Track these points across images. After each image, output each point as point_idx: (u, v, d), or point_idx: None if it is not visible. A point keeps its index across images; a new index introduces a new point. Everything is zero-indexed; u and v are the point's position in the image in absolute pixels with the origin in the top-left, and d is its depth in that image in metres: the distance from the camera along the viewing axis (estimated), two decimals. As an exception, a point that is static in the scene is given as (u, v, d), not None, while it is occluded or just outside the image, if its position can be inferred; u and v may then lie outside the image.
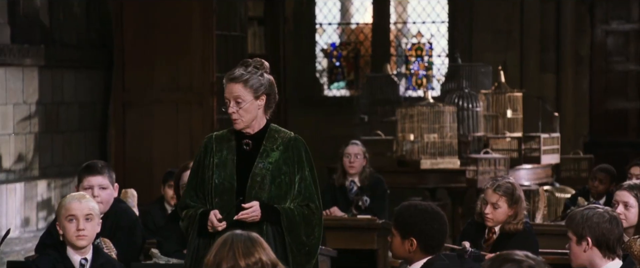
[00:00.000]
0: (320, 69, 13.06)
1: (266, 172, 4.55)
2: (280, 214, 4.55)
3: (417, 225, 4.17)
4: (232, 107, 4.55)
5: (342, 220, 7.45)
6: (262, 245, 3.42)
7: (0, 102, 9.54)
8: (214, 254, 3.38)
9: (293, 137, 4.64)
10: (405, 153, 9.70)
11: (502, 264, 3.21)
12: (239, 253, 3.35)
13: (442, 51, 12.77)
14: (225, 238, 3.41)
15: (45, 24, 10.28)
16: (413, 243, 4.17)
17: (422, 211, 4.23)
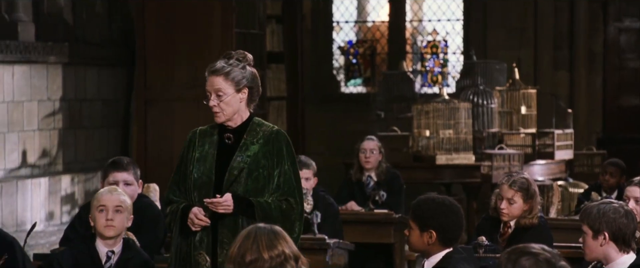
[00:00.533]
0: (337, 66, 13.07)
1: (244, 166, 4.40)
2: (255, 207, 4.38)
3: (435, 217, 4.17)
4: (212, 100, 4.39)
5: (359, 214, 7.45)
6: (284, 238, 3.43)
7: (25, 98, 9.60)
8: (237, 246, 3.39)
9: (275, 130, 4.47)
10: (421, 149, 9.70)
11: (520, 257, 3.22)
12: (263, 246, 3.37)
13: (457, 49, 12.76)
14: (248, 231, 3.42)
15: (68, 23, 10.34)
16: (432, 235, 4.16)
17: (441, 204, 4.23)
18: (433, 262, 4.20)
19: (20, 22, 9.64)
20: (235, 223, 4.37)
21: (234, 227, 4.35)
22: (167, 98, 10.22)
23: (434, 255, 4.19)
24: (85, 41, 10.48)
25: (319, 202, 6.75)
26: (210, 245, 4.38)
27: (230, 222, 4.36)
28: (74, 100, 10.31)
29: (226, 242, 4.34)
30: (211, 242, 4.38)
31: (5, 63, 9.24)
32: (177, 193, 4.49)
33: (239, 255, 3.37)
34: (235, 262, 3.37)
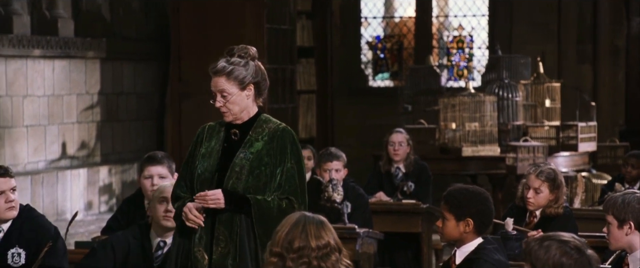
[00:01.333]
0: (366, 60, 13.09)
1: (246, 162, 4.20)
2: (251, 205, 4.16)
3: (472, 206, 4.17)
4: (218, 101, 4.24)
5: (387, 204, 7.47)
6: (330, 229, 3.46)
7: (65, 92, 9.68)
8: (285, 232, 3.40)
9: (281, 127, 4.27)
10: (447, 141, 9.70)
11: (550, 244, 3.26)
12: (311, 235, 3.38)
13: (483, 43, 12.74)
14: (297, 219, 3.43)
15: (106, 19, 10.41)
16: (469, 224, 4.17)
17: (475, 193, 4.25)
18: (466, 251, 4.21)
19: (60, 19, 9.72)
20: (232, 221, 4.18)
21: (231, 225, 4.19)
22: (200, 91, 10.24)
23: (467, 244, 4.20)
24: (122, 37, 10.55)
25: (349, 193, 6.78)
26: (209, 242, 4.21)
27: (228, 219, 4.19)
28: (111, 93, 10.39)
29: (222, 239, 4.18)
30: (209, 239, 4.21)
31: (46, 58, 9.32)
32: (184, 188, 4.32)
33: (286, 240, 3.38)
34: (282, 246, 3.38)
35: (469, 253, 4.19)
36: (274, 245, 3.41)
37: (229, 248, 4.16)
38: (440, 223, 4.24)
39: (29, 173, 9.01)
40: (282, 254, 3.38)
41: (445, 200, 4.22)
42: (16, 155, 9.02)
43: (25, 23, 9.15)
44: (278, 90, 10.41)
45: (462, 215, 4.16)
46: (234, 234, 4.17)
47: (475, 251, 4.18)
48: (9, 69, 8.88)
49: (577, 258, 3.27)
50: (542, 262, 3.30)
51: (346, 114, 12.28)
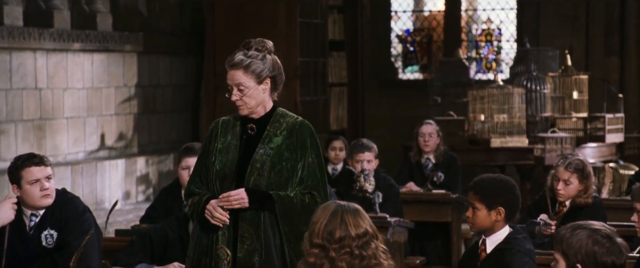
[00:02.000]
0: (395, 53, 13.08)
1: (266, 158, 4.04)
2: (275, 201, 4.01)
3: (503, 194, 4.16)
4: (235, 95, 4.05)
5: (418, 194, 7.47)
6: (366, 217, 3.47)
7: (103, 85, 9.75)
8: (324, 223, 3.39)
9: (299, 121, 4.11)
10: (476, 132, 9.69)
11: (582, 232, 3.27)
12: (350, 224, 3.37)
13: (511, 36, 12.70)
14: (334, 210, 3.42)
15: (143, 14, 10.47)
16: (501, 212, 4.14)
17: (504, 181, 4.24)
18: (496, 240, 4.18)
19: (99, 13, 9.79)
20: (257, 218, 4.04)
21: (256, 222, 4.05)
22: (234, 84, 10.31)
23: (497, 233, 4.18)
24: (158, 31, 10.61)
25: (380, 183, 6.79)
26: (231, 239, 4.05)
27: (252, 216, 4.03)
28: (147, 86, 10.45)
29: (247, 236, 4.04)
30: (232, 236, 4.05)
31: (85, 51, 9.39)
32: (198, 184, 4.15)
33: (326, 231, 3.37)
34: (323, 238, 3.37)
35: (500, 242, 4.18)
36: (314, 237, 3.39)
37: (255, 246, 4.03)
38: (470, 213, 4.20)
39: (69, 163, 9.09)
40: (323, 245, 3.37)
41: (475, 191, 4.18)
42: (57, 146, 9.10)
43: (66, 18, 9.22)
44: (310, 83, 10.43)
45: (494, 204, 4.15)
46: (259, 231, 4.04)
47: (506, 241, 4.17)
48: (49, 63, 8.96)
49: (609, 246, 3.28)
50: (574, 250, 3.30)
51: (376, 106, 12.28)
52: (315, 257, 3.38)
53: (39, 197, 4.73)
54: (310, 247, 3.40)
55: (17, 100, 8.56)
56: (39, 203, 4.75)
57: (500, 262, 4.13)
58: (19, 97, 8.58)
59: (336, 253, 3.36)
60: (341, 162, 7.39)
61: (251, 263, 4.03)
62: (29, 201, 4.73)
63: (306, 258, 3.43)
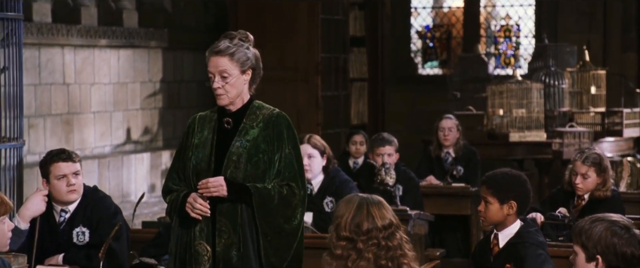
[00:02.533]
0: (415, 49, 13.08)
1: (243, 151, 3.92)
2: (252, 194, 3.88)
3: (515, 188, 4.19)
4: (217, 82, 3.95)
5: (438, 187, 7.50)
6: (389, 208, 3.49)
7: (129, 80, 9.79)
8: (351, 216, 3.40)
9: (275, 113, 4.00)
10: (495, 127, 9.69)
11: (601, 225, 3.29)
12: (376, 216, 3.39)
13: (529, 32, 12.67)
14: (359, 203, 3.43)
15: (168, 10, 10.51)
16: (513, 206, 4.17)
17: (515, 176, 4.26)
18: (508, 234, 4.20)
19: (125, 10, 9.83)
20: (234, 211, 3.92)
21: (233, 215, 3.93)
22: (257, 79, 10.33)
23: (509, 227, 4.20)
24: (182, 27, 10.64)
25: (401, 176, 6.81)
26: (210, 235, 3.94)
27: (230, 209, 3.92)
28: (172, 81, 10.48)
29: (224, 230, 3.93)
30: (211, 231, 3.94)
31: (111, 47, 9.44)
32: (176, 181, 4.02)
33: (353, 224, 3.38)
34: (350, 231, 3.38)
35: (512, 236, 4.19)
36: (341, 230, 3.40)
37: (233, 239, 3.91)
38: (483, 208, 4.21)
39: (96, 157, 9.14)
40: (352, 238, 3.38)
41: (487, 185, 4.20)
42: (84, 140, 9.16)
43: (93, 14, 9.28)
44: (331, 79, 10.44)
45: (506, 198, 4.17)
46: (236, 225, 3.92)
47: (519, 234, 4.18)
48: (77, 58, 9.01)
49: (628, 238, 3.30)
50: (593, 242, 3.33)
51: (396, 101, 12.29)
52: (342, 249, 3.40)
53: (65, 192, 4.77)
54: (337, 240, 3.41)
55: (46, 95, 8.63)
56: (65, 198, 4.79)
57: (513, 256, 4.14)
58: (47, 92, 8.64)
59: (364, 244, 3.37)
60: (362, 156, 7.42)
61: (229, 257, 3.91)
62: (56, 195, 4.78)
63: (333, 251, 3.43)
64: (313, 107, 10.11)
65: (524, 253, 4.11)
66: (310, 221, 5.70)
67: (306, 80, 10.14)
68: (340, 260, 3.40)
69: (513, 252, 4.13)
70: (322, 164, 5.85)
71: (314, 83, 10.12)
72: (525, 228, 4.20)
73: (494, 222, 4.22)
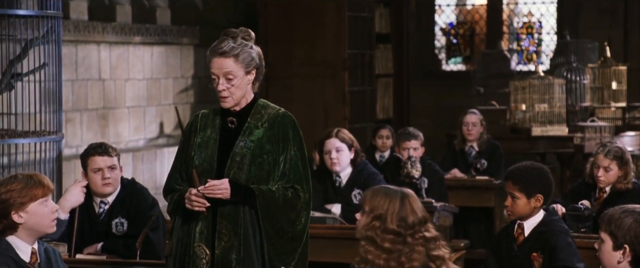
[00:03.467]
0: (439, 46, 13.07)
1: (247, 151, 3.70)
2: (256, 196, 3.67)
3: (541, 182, 4.19)
4: (222, 84, 3.69)
5: (462, 180, 7.50)
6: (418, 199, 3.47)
7: (162, 76, 9.85)
8: (397, 210, 3.30)
9: (281, 113, 3.76)
10: (518, 121, 9.68)
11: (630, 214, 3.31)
12: (417, 209, 3.33)
13: (551, 29, 12.63)
14: (401, 196, 3.34)
15: (199, 8, 10.56)
16: (539, 199, 4.17)
17: (539, 169, 4.27)
18: (533, 223, 4.20)
19: (158, 8, 9.89)
20: (236, 213, 3.70)
21: (235, 217, 3.71)
22: (286, 75, 10.36)
23: (534, 217, 4.20)
24: (213, 24, 10.69)
25: (426, 169, 6.83)
26: (210, 237, 3.72)
27: (231, 211, 3.70)
28: (203, 77, 10.53)
29: (225, 232, 3.71)
30: (211, 234, 3.73)
31: (145, 44, 9.50)
32: (178, 181, 3.80)
33: (399, 217, 3.30)
34: (398, 225, 3.28)
35: (537, 225, 4.19)
36: (388, 223, 3.29)
37: (233, 242, 3.69)
38: (510, 202, 4.18)
39: (131, 150, 9.21)
40: (399, 232, 3.28)
41: (513, 181, 4.16)
42: (119, 133, 9.23)
43: (127, 12, 9.35)
44: (358, 74, 10.46)
45: (533, 192, 4.16)
46: (238, 227, 3.69)
47: (544, 223, 4.19)
48: (112, 55, 9.08)
49: None
50: (623, 232, 3.36)
51: (421, 96, 12.29)
52: (390, 243, 3.29)
53: (100, 185, 4.83)
54: (384, 233, 3.29)
55: (82, 90, 8.70)
56: (100, 191, 4.85)
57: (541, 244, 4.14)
58: (84, 87, 8.72)
59: (412, 238, 3.29)
60: (388, 150, 7.44)
61: (228, 261, 3.69)
62: (93, 187, 4.84)
63: (379, 243, 3.30)
64: (340, 102, 10.13)
65: (554, 242, 4.10)
66: (339, 212, 5.72)
67: (333, 76, 10.17)
68: (391, 253, 3.29)
69: (540, 240, 4.14)
70: (350, 157, 5.87)
71: (341, 79, 10.14)
72: (549, 216, 4.20)
73: (521, 215, 4.20)
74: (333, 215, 5.63)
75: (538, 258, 4.11)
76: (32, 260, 3.68)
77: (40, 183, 3.68)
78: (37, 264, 3.69)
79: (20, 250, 3.66)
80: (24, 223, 3.65)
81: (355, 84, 10.33)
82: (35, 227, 3.66)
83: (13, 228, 3.67)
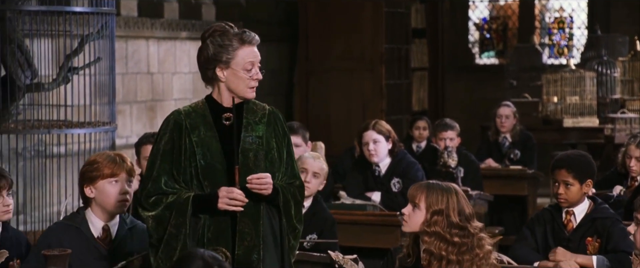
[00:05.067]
0: (473, 40, 13.03)
1: (258, 147, 3.46)
2: (279, 191, 3.46)
3: (590, 167, 4.18)
4: (259, 73, 3.54)
5: (496, 170, 7.49)
6: None
7: (207, 70, 9.92)
8: (456, 203, 3.26)
9: (272, 109, 3.58)
10: (550, 113, 9.65)
11: None
12: (466, 200, 3.34)
13: (582, 23, 12.53)
14: (454, 189, 3.29)
15: (242, 4, 10.61)
16: (589, 184, 4.15)
17: (586, 155, 4.26)
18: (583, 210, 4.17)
19: (204, 5, 9.96)
20: (257, 212, 3.43)
21: (256, 216, 3.43)
22: (324, 69, 10.39)
23: (582, 204, 4.18)
24: (255, 20, 10.73)
25: (462, 159, 6.83)
26: (229, 238, 3.42)
27: (252, 210, 3.42)
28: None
29: (247, 232, 3.42)
30: (231, 235, 3.42)
31: (191, 39, 9.57)
32: (169, 183, 3.41)
33: (459, 210, 3.28)
34: (460, 218, 3.26)
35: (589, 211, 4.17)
36: (452, 217, 3.25)
37: (255, 242, 3.43)
38: (563, 190, 4.12)
39: (177, 141, 9.29)
40: (464, 226, 3.26)
41: (568, 168, 4.10)
42: (166, 125, 9.31)
43: (174, 9, 9.42)
44: (394, 68, 10.47)
45: (585, 178, 4.14)
46: (258, 226, 3.44)
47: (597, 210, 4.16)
48: (160, 49, 9.17)
49: None
50: None
51: (455, 89, 12.27)
52: (459, 237, 3.25)
53: None
54: (450, 228, 3.25)
55: (132, 83, 8.79)
56: None
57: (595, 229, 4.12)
58: (133, 80, 8.81)
59: (473, 230, 3.27)
60: (425, 140, 7.45)
61: (250, 261, 3.43)
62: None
63: (450, 240, 3.25)
64: (377, 95, 10.15)
65: (611, 229, 4.07)
66: (379, 200, 5.75)
67: (371, 70, 10.18)
68: (462, 247, 3.25)
69: (594, 226, 4.12)
70: (388, 148, 5.89)
71: (378, 72, 10.16)
72: (600, 203, 4.19)
73: (574, 202, 4.16)
74: (373, 203, 5.67)
75: (593, 242, 4.10)
76: (102, 236, 3.73)
77: (113, 162, 3.72)
78: (106, 241, 3.73)
79: (93, 224, 3.73)
80: (95, 199, 3.72)
81: (391, 77, 10.34)
82: (102, 204, 3.71)
83: (87, 202, 3.75)
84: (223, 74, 3.53)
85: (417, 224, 3.35)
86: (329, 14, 10.22)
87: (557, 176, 4.17)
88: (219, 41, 3.56)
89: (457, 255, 3.25)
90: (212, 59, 3.54)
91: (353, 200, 5.62)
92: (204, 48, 3.60)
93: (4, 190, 3.83)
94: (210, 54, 3.55)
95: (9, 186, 3.85)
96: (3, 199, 3.82)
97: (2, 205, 3.81)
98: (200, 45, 3.62)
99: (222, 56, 3.51)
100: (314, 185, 4.72)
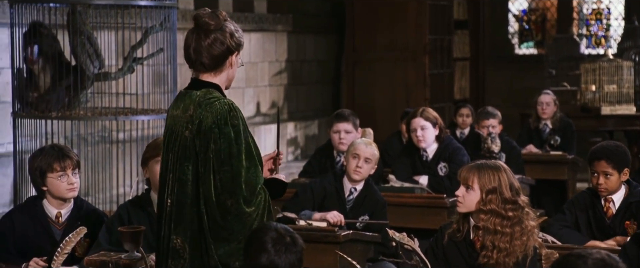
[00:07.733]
0: (512, 31, 12.93)
1: None
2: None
3: (627, 156, 4.18)
4: None
5: (537, 155, 7.46)
6: None
7: (259, 60, 9.98)
8: (506, 179, 3.31)
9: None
10: (588, 101, 9.55)
11: None
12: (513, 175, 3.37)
13: (619, 15, 12.37)
14: (503, 167, 3.35)
15: (292, -2, 10.66)
16: (626, 173, 4.16)
17: (622, 145, 4.24)
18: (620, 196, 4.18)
19: (257, -1, 10.02)
20: None
21: None
22: (370, 59, 10.40)
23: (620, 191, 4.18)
24: (305, 13, 10.77)
25: (504, 145, 6.82)
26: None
27: None
28: (295, 61, 10.63)
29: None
30: None
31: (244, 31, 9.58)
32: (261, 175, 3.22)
33: (509, 185, 3.33)
34: (513, 194, 3.30)
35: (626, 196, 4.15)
36: (505, 193, 3.30)
37: None
38: (603, 180, 4.12)
39: (231, 128, 9.36)
40: (515, 200, 3.30)
41: (608, 159, 4.10)
42: (221, 112, 9.39)
43: (228, 2, 9.49)
44: (437, 58, 10.44)
45: (622, 167, 4.15)
46: None
47: (633, 194, 4.15)
48: (215, 41, 9.24)
49: None
50: None
51: (495, 78, 12.20)
52: (512, 211, 3.29)
53: None
54: (505, 204, 3.29)
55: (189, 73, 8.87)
56: None
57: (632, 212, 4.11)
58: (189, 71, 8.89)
59: (522, 203, 3.32)
60: (468, 127, 7.44)
61: None
62: None
63: (506, 215, 3.28)
64: (421, 84, 10.14)
65: None
66: (426, 183, 5.76)
67: (415, 60, 10.17)
68: (514, 219, 3.28)
69: (631, 209, 4.12)
70: (435, 134, 5.90)
71: (422, 62, 10.15)
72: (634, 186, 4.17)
73: (614, 190, 4.16)
74: (421, 186, 5.68)
75: (631, 225, 4.10)
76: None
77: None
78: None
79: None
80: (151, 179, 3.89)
81: (434, 67, 10.32)
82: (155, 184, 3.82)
83: (149, 183, 3.94)
84: (234, 60, 3.29)
85: (472, 204, 3.38)
86: (375, 7, 10.22)
87: (596, 167, 4.17)
88: (235, 27, 3.31)
89: (510, 228, 3.27)
90: (236, 44, 3.28)
91: (402, 183, 5.64)
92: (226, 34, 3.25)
93: (69, 169, 3.90)
94: (235, 41, 3.26)
95: (74, 166, 3.92)
96: (68, 178, 3.90)
97: (67, 183, 3.90)
98: (214, 35, 3.24)
99: (242, 41, 3.29)
100: (365, 170, 4.77)
